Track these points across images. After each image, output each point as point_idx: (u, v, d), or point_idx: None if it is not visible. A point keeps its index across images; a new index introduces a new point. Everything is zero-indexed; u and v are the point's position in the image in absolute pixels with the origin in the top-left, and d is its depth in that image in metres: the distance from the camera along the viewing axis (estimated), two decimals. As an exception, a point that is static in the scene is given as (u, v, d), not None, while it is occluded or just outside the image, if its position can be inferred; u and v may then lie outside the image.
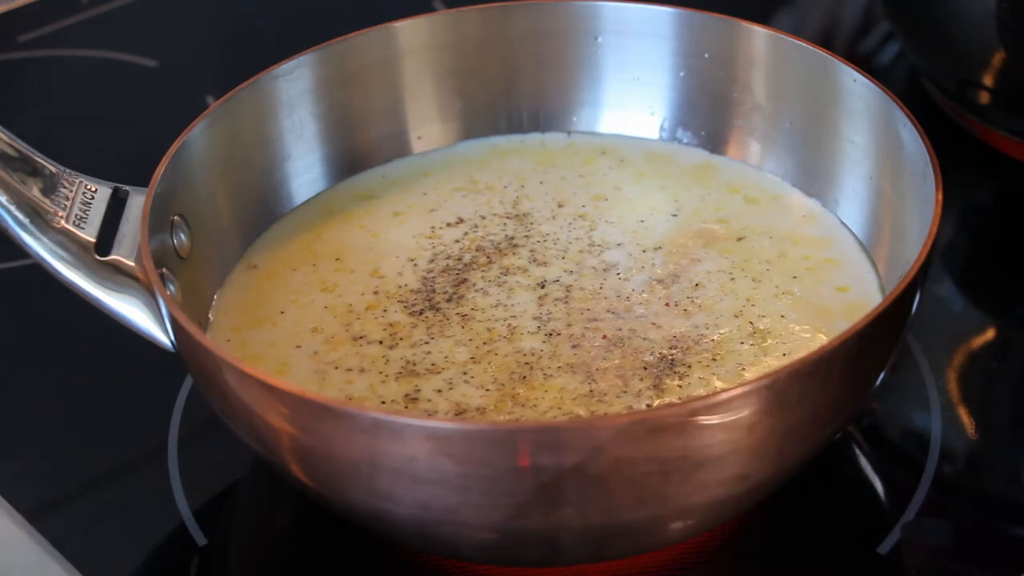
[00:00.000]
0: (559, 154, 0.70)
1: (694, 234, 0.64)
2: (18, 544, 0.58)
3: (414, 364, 0.57)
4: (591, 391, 0.56)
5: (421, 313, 0.60)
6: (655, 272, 0.62)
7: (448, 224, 0.66)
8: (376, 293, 0.62)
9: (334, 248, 0.65)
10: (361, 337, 0.59)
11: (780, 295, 0.60)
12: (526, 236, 0.65)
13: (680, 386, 0.55)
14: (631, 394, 0.55)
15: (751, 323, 0.58)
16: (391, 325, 0.60)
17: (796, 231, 0.64)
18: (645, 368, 0.56)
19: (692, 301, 0.60)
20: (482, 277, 0.62)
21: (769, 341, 0.58)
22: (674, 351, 0.57)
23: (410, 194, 0.68)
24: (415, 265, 0.63)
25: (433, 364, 0.57)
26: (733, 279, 0.61)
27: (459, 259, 0.64)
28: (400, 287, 0.62)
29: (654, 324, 0.59)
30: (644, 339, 0.58)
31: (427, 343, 0.58)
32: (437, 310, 0.60)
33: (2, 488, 0.60)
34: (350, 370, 0.58)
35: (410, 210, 0.67)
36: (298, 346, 0.59)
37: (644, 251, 0.63)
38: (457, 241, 0.65)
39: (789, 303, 0.60)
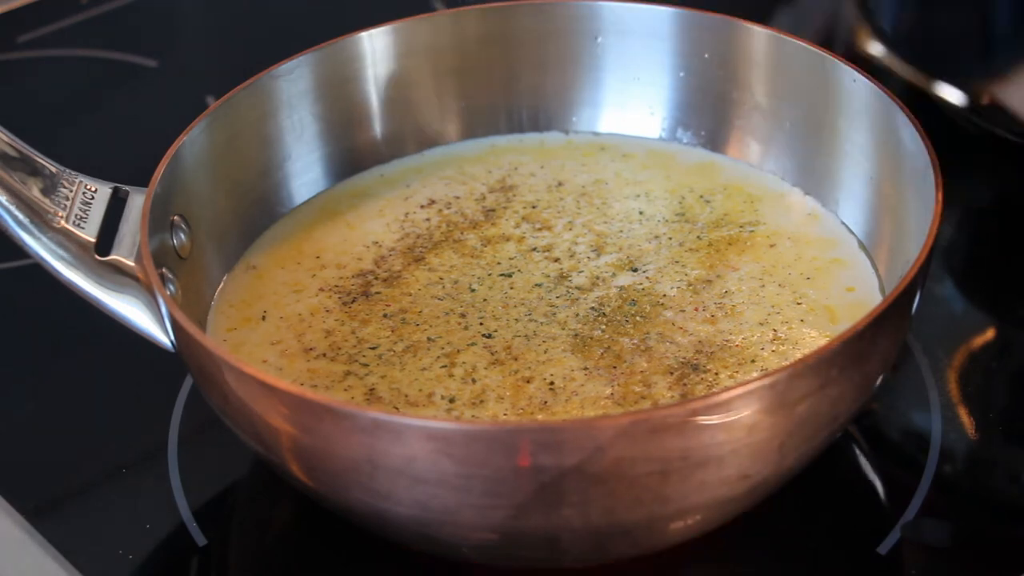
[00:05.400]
0: (559, 150, 0.70)
1: (714, 232, 0.64)
2: (18, 544, 0.58)
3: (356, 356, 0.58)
4: (612, 393, 0.56)
5: (353, 302, 0.61)
6: (687, 274, 0.61)
7: (421, 206, 0.66)
8: (321, 290, 0.62)
9: (319, 246, 0.65)
10: (311, 349, 0.59)
11: (799, 299, 0.60)
12: (505, 207, 0.66)
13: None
14: (649, 401, 0.55)
15: (774, 330, 0.58)
16: (329, 333, 0.60)
17: (804, 232, 0.64)
18: (671, 372, 0.56)
19: (720, 307, 0.60)
20: (455, 250, 0.63)
21: (786, 346, 0.57)
22: (699, 356, 0.57)
23: (397, 188, 0.68)
24: (379, 246, 0.64)
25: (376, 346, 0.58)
26: (763, 285, 0.61)
27: (429, 237, 0.64)
28: (342, 278, 0.62)
29: (681, 328, 0.59)
30: (671, 343, 0.58)
31: (358, 336, 0.59)
32: (367, 296, 0.61)
33: (2, 488, 0.60)
34: (315, 387, 0.57)
35: (391, 203, 0.67)
36: (265, 360, 0.59)
37: (674, 246, 0.63)
38: (427, 219, 0.65)
39: (806, 307, 0.59)
